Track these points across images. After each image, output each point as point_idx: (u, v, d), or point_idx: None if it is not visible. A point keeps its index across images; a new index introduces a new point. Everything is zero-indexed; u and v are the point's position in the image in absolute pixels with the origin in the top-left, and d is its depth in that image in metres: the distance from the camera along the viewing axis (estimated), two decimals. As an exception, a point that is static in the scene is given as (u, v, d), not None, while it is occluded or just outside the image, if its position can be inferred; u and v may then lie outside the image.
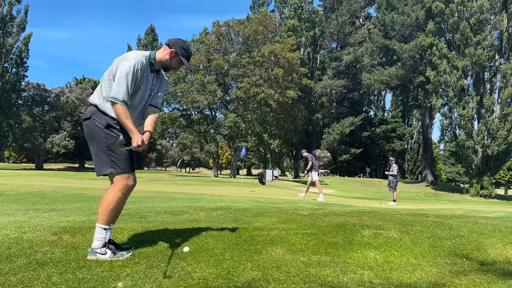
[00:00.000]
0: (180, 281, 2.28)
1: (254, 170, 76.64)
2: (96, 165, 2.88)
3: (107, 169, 2.82)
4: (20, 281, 2.21)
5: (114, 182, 2.85)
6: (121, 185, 2.85)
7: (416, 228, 4.24)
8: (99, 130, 2.83)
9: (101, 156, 2.83)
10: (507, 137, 30.94)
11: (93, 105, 2.91)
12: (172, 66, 3.04)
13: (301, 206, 8.01)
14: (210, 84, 40.45)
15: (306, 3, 53.93)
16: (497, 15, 32.21)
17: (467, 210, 9.19)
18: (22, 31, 43.87)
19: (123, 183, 2.85)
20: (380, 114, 71.95)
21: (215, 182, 29.74)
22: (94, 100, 2.92)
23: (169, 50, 2.98)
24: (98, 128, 2.83)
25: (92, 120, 2.86)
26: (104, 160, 2.82)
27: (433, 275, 2.59)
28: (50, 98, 51.53)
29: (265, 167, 55.20)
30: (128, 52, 3.00)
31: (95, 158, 2.88)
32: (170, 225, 4.14)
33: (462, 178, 64.34)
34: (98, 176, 2.95)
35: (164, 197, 10.39)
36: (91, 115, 2.87)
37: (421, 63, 40.36)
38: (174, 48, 2.98)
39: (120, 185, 2.84)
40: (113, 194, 2.83)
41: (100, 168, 2.85)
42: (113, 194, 2.83)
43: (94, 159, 2.89)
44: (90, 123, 2.87)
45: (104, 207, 2.81)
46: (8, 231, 3.55)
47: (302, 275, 2.47)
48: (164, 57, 2.99)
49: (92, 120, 2.86)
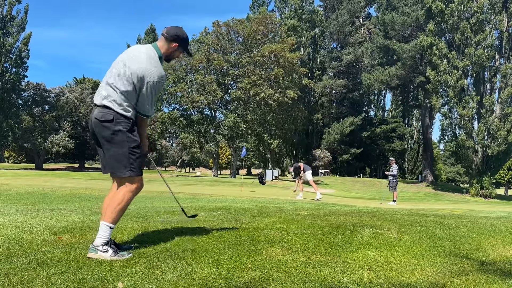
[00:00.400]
0: (180, 281, 2.28)
1: (254, 170, 76.65)
2: (112, 167, 2.86)
3: (125, 172, 2.84)
4: (20, 281, 2.20)
5: (126, 184, 2.88)
6: (133, 187, 2.89)
7: (416, 228, 4.24)
8: (122, 133, 2.82)
9: (121, 159, 2.83)
10: (507, 137, 30.93)
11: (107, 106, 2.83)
12: (175, 56, 3.14)
13: (301, 206, 8.01)
14: (210, 84, 40.46)
15: (307, 3, 54.01)
16: (497, 15, 32.21)
17: (467, 210, 9.19)
18: (22, 31, 43.91)
19: (135, 185, 2.90)
20: (380, 114, 71.94)
21: (215, 182, 29.74)
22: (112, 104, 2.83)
23: (172, 45, 3.04)
24: (121, 132, 2.82)
25: (115, 123, 2.82)
26: (123, 163, 2.83)
27: (433, 275, 2.59)
28: (50, 98, 51.56)
29: (265, 167, 55.20)
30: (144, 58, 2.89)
31: (112, 159, 2.85)
32: (170, 225, 4.14)
33: (462, 178, 64.35)
34: (112, 176, 2.97)
35: (164, 197, 10.39)
36: (113, 117, 2.82)
37: (421, 63, 40.36)
38: (177, 43, 3.04)
39: (132, 187, 2.89)
40: (123, 194, 2.86)
41: (117, 170, 2.85)
42: (123, 194, 2.86)
43: (111, 160, 2.86)
44: (112, 125, 2.82)
45: (113, 206, 2.83)
46: (8, 231, 3.55)
47: (302, 275, 2.47)
48: (168, 51, 3.05)
49: (116, 123, 2.82)
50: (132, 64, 2.85)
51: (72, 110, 53.02)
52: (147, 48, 2.98)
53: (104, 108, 2.84)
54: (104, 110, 2.84)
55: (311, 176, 14.44)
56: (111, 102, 2.84)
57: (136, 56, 2.90)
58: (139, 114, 2.96)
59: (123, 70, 2.86)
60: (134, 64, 2.85)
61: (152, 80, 2.86)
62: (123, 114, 2.84)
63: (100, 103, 2.87)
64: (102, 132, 2.84)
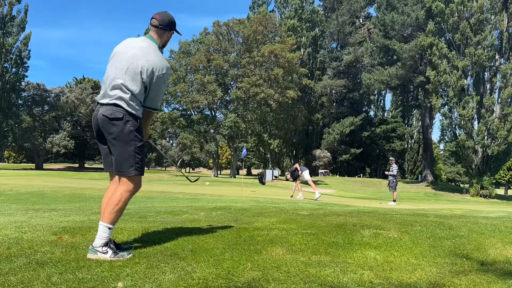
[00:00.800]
0: (180, 281, 2.28)
1: (254, 170, 76.66)
2: (119, 165, 2.84)
3: (131, 171, 2.83)
4: (20, 281, 2.20)
5: (125, 183, 2.85)
6: (132, 187, 2.87)
7: (416, 228, 4.24)
8: (130, 132, 2.82)
9: (127, 158, 2.82)
10: (507, 137, 30.93)
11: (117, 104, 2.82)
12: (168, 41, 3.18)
13: (301, 206, 8.01)
14: (210, 84, 40.46)
15: (307, 3, 53.99)
16: (497, 15, 32.20)
17: (467, 210, 9.19)
18: (22, 31, 43.89)
19: (134, 185, 2.88)
20: (380, 114, 71.93)
21: (215, 182, 29.74)
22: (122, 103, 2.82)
23: (168, 33, 3.09)
24: (130, 130, 2.82)
25: (125, 121, 2.81)
26: (129, 162, 2.82)
27: (433, 275, 2.59)
28: (50, 98, 51.57)
29: (265, 167, 55.20)
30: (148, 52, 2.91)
31: (121, 159, 2.83)
32: (170, 225, 4.14)
33: (462, 178, 64.33)
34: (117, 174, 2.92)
35: (164, 197, 10.40)
36: (123, 116, 2.81)
37: (421, 63, 40.36)
38: (173, 30, 3.11)
39: (130, 186, 2.86)
40: (121, 194, 2.83)
41: (123, 169, 2.83)
42: (121, 194, 2.83)
43: (120, 160, 2.83)
44: (121, 123, 2.81)
45: (112, 206, 2.81)
46: (8, 231, 3.55)
47: (302, 275, 2.47)
48: (164, 40, 3.10)
49: (126, 122, 2.81)
50: (139, 60, 2.85)
51: (72, 110, 53.03)
52: (148, 42, 2.98)
53: (113, 106, 2.83)
54: (113, 108, 2.82)
55: (309, 176, 14.50)
56: (120, 100, 2.82)
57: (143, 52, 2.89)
58: (148, 109, 2.97)
59: (131, 67, 2.84)
60: (141, 60, 2.85)
61: (162, 73, 2.89)
62: (132, 113, 2.84)
63: (109, 102, 2.85)
64: (110, 129, 2.82)
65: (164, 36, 3.07)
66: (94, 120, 2.93)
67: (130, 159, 2.82)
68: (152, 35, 3.03)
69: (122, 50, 2.95)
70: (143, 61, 2.84)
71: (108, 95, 2.86)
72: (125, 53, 2.90)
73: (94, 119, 2.93)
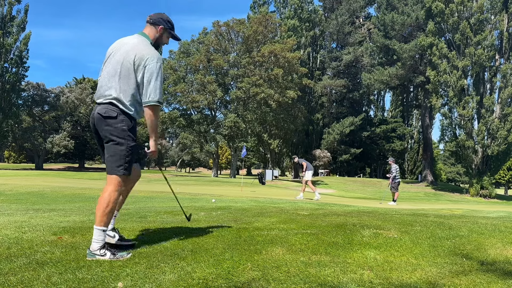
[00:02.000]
0: (180, 281, 2.28)
1: (254, 170, 76.64)
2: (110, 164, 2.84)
3: (120, 170, 2.83)
4: (20, 281, 2.20)
5: (112, 183, 2.84)
6: (118, 187, 2.86)
7: (416, 228, 4.24)
8: (123, 132, 2.83)
9: (119, 157, 2.82)
10: (507, 137, 30.93)
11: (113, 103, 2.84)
12: (163, 42, 3.13)
13: (301, 206, 8.01)
14: (210, 84, 40.44)
15: (306, 3, 53.96)
16: (497, 15, 32.20)
17: (467, 210, 9.19)
18: (22, 31, 43.82)
19: (120, 185, 2.87)
20: (380, 114, 71.89)
21: (215, 182, 29.75)
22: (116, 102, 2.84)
23: (158, 27, 3.07)
24: (123, 129, 2.83)
25: (118, 120, 2.82)
26: (119, 161, 2.82)
27: (433, 275, 2.59)
28: (50, 98, 51.52)
29: (265, 167, 55.20)
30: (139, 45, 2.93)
31: (112, 158, 2.83)
32: (170, 225, 4.14)
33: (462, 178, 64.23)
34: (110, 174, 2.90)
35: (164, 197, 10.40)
36: (117, 115, 2.83)
37: (421, 63, 40.36)
38: (161, 25, 3.07)
39: (117, 186, 2.85)
40: (109, 195, 2.81)
41: (113, 168, 2.83)
42: (109, 195, 2.81)
43: (111, 159, 2.83)
44: (115, 122, 2.82)
45: (102, 209, 2.79)
46: (8, 231, 3.55)
47: (302, 275, 2.47)
48: (155, 35, 3.08)
49: (120, 120, 2.83)
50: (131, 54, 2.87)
51: (72, 110, 52.97)
52: (138, 37, 3.01)
53: (109, 105, 2.86)
54: (108, 107, 2.85)
55: (311, 177, 14.39)
56: (115, 100, 2.85)
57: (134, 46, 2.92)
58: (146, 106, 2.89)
59: (124, 64, 2.87)
60: (132, 54, 2.87)
61: (154, 62, 2.87)
62: (127, 112, 2.86)
63: (103, 101, 2.88)
64: (104, 127, 2.84)
65: (154, 31, 3.07)
66: (91, 119, 2.96)
67: (121, 158, 2.82)
68: (145, 31, 3.08)
69: (115, 49, 2.99)
70: (133, 54, 2.87)
71: (103, 95, 2.90)
72: (118, 50, 2.95)
73: (91, 119, 2.96)
